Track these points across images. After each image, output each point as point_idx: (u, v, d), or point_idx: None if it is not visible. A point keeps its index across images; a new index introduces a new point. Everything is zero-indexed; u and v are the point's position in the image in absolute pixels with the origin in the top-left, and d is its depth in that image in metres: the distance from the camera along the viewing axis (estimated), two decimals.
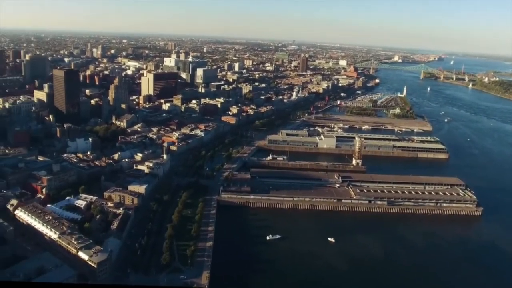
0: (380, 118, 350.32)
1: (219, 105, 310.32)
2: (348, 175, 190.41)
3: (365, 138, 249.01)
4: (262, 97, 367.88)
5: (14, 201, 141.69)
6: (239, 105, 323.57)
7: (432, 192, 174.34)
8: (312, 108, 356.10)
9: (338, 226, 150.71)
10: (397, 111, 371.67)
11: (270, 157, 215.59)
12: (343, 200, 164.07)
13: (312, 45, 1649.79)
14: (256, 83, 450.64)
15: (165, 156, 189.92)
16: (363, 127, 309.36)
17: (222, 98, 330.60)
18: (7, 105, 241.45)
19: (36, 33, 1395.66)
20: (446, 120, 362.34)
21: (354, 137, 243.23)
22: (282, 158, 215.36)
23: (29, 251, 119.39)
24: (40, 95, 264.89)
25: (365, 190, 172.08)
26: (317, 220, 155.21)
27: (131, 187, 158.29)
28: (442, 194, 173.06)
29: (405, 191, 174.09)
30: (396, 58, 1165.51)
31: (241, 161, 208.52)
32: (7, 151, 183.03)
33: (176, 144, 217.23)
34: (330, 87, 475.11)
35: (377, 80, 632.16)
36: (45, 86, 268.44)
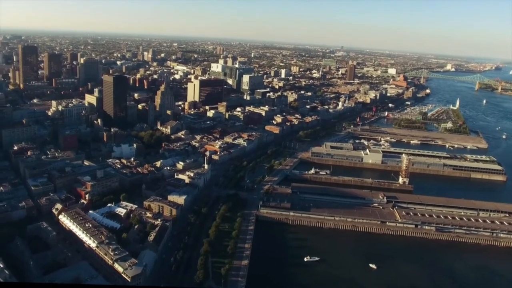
0: (430, 133, 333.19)
1: (263, 114, 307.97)
2: (394, 195, 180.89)
3: (413, 155, 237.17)
4: (308, 106, 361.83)
5: (58, 206, 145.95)
6: (284, 114, 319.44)
7: (487, 220, 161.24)
8: (358, 119, 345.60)
9: (380, 250, 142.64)
10: (449, 125, 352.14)
11: (312, 171, 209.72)
12: (387, 223, 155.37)
13: (360, 51, 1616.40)
14: (302, 91, 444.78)
15: (206, 166, 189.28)
16: (412, 142, 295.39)
17: (267, 106, 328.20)
18: (60, 108, 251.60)
19: (94, 35, 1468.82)
20: (503, 137, 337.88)
21: (401, 153, 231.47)
22: (325, 173, 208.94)
23: (69, 257, 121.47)
24: (90, 98, 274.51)
25: (411, 213, 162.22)
26: (358, 242, 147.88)
27: (171, 197, 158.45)
28: (499, 222, 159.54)
29: (456, 217, 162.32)
30: (448, 67, 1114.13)
31: (282, 174, 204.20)
32: (56, 154, 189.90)
33: (218, 153, 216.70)
34: (378, 97, 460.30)
35: (427, 91, 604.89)
36: (96, 90, 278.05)
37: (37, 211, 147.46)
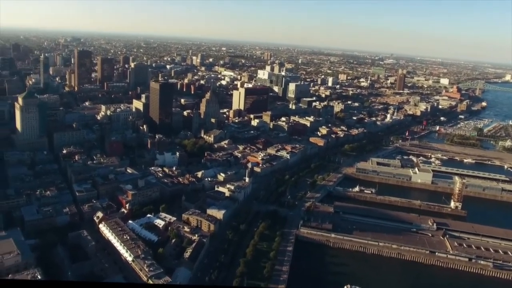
0: (486, 151, 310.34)
1: (308, 124, 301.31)
2: (444, 221, 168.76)
3: (467, 176, 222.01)
4: (354, 118, 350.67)
5: (99, 214, 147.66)
6: (329, 125, 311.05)
7: None
8: (407, 133, 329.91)
9: (428, 284, 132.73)
10: (508, 143, 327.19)
11: (357, 189, 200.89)
12: (436, 253, 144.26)
13: (411, 59, 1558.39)
14: (349, 101, 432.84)
15: (247, 179, 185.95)
16: (465, 160, 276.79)
17: (312, 116, 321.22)
18: (109, 112, 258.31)
19: (147, 38, 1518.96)
20: None
21: (453, 174, 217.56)
22: (370, 191, 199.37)
23: (106, 269, 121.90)
24: (137, 104, 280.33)
25: (464, 245, 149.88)
26: (404, 272, 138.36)
27: (210, 211, 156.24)
28: None
29: None
30: (508, 78, 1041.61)
31: (325, 190, 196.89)
32: (102, 160, 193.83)
33: (260, 165, 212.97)
34: (428, 110, 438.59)
35: (483, 104, 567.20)
36: (143, 96, 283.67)
37: (79, 218, 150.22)
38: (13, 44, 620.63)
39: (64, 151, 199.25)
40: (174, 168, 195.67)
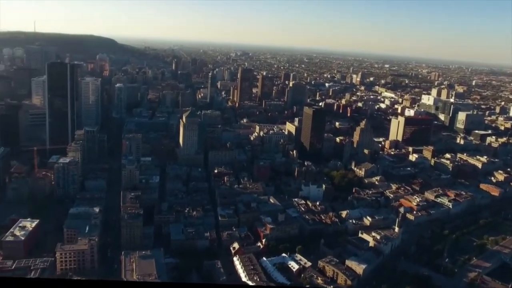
0: None
1: (479, 166, 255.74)
2: None
3: None
4: None
5: (236, 245, 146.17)
6: (509, 169, 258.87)
7: None
8: None
9: None
10: None
11: None
12: None
13: None
14: None
15: (396, 229, 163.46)
16: None
17: (485, 156, 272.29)
18: (262, 133, 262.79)
19: (309, 52, 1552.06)
20: None
21: None
22: None
23: None
24: (290, 127, 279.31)
25: None
26: None
27: (349, 262, 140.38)
28: None
29: None
30: None
31: (498, 259, 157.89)
32: (248, 185, 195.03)
33: (414, 212, 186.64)
34: None
35: None
36: (296, 119, 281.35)
37: (217, 245, 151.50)
38: (192, 59, 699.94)
39: (216, 171, 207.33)
40: (318, 203, 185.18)
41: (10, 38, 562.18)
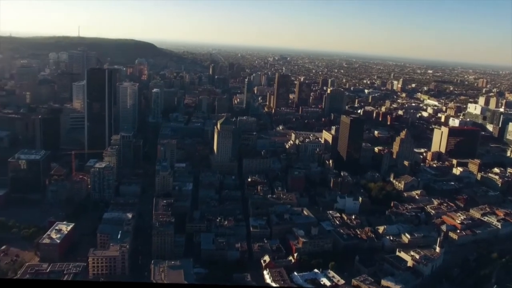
0: None
1: None
2: None
3: None
4: None
5: (267, 258, 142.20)
6: None
7: None
8: None
9: None
10: None
11: None
12: None
13: None
14: None
15: (438, 249, 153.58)
16: None
17: None
18: (297, 142, 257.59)
19: (348, 57, 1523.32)
20: None
21: None
22: None
23: None
24: (327, 135, 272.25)
25: None
26: None
27: (385, 282, 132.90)
28: None
29: None
30: None
31: None
32: (281, 195, 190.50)
33: (458, 231, 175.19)
34: None
35: None
36: (333, 128, 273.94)
37: (248, 257, 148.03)
38: (229, 63, 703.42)
39: (249, 179, 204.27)
40: (353, 216, 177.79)
41: (56, 43, 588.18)
